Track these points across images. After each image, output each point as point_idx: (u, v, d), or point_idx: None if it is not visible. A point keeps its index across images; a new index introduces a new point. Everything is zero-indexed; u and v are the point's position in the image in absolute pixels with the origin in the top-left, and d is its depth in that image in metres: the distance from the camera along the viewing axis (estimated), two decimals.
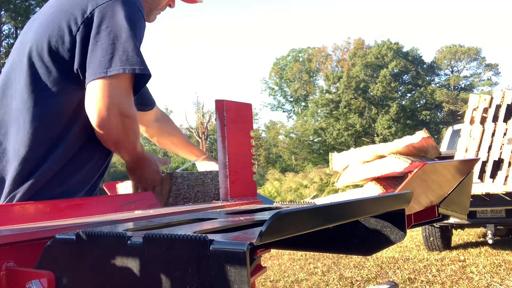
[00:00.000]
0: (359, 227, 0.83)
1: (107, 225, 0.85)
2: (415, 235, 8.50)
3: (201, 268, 0.54)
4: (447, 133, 8.04)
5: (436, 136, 32.10)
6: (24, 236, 0.77)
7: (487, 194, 5.60)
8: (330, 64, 45.72)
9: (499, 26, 66.90)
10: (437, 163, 1.29)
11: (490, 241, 6.11)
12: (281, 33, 76.02)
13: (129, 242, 0.60)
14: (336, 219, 0.66)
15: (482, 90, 40.36)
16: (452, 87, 42.30)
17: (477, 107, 5.96)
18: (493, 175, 5.55)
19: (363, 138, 37.01)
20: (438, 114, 40.62)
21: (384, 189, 1.71)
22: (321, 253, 6.11)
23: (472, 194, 3.37)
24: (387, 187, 1.73)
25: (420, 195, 1.26)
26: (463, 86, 42.70)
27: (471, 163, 1.55)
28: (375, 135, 37.62)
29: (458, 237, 8.24)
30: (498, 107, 5.83)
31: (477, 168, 5.49)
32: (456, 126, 7.87)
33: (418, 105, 39.69)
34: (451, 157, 5.82)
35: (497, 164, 5.61)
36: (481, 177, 5.58)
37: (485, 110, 5.91)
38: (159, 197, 1.43)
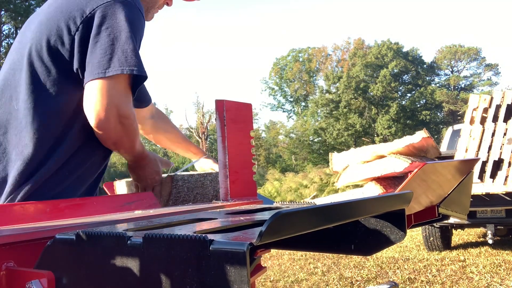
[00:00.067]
0: (359, 227, 0.83)
1: (107, 225, 0.85)
2: (415, 235, 8.50)
3: (201, 268, 0.54)
4: (447, 133, 8.04)
5: (436, 136, 32.11)
6: (24, 236, 0.77)
7: (487, 194, 5.60)
8: (330, 64, 45.77)
9: (499, 26, 66.98)
10: (437, 163, 1.29)
11: (490, 241, 6.11)
12: (281, 33, 76.07)
13: (129, 242, 0.60)
14: (336, 219, 0.66)
15: (482, 90, 40.39)
16: (452, 87, 42.31)
17: (477, 107, 5.97)
18: (493, 175, 5.55)
19: (363, 138, 37.00)
20: (438, 114, 40.61)
21: (384, 189, 1.71)
22: (321, 253, 6.11)
23: (472, 194, 3.37)
24: (387, 187, 1.73)
25: (420, 195, 1.26)
26: (463, 86, 42.70)
27: (471, 163, 1.55)
28: (375, 135, 37.61)
29: (458, 237, 8.24)
30: (498, 107, 5.83)
31: (477, 168, 5.49)
32: (456, 126, 7.87)
33: (418, 105, 39.68)
34: (451, 157, 5.82)
35: (497, 164, 5.61)
36: (481, 177, 5.58)
37: (485, 110, 5.92)
38: (159, 198, 1.43)
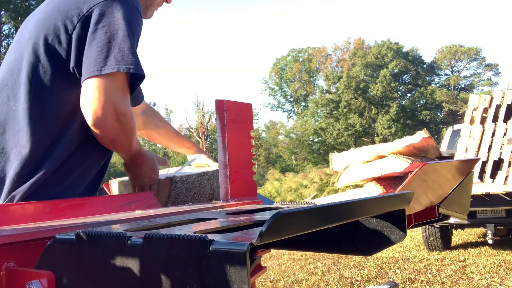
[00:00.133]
0: (359, 227, 0.83)
1: (107, 225, 0.85)
2: (415, 235, 8.50)
3: (201, 268, 0.54)
4: (447, 133, 8.04)
5: (436, 136, 32.09)
6: (24, 236, 0.77)
7: (487, 194, 5.60)
8: (330, 64, 45.76)
9: (499, 26, 66.97)
10: (437, 163, 1.29)
11: (490, 241, 6.11)
12: (281, 33, 76.07)
13: (129, 242, 0.60)
14: (336, 219, 0.66)
15: (482, 90, 40.38)
16: (452, 87, 42.30)
17: (477, 107, 5.97)
18: (493, 175, 5.55)
19: (363, 138, 37.00)
20: (438, 114, 40.60)
21: (384, 189, 1.71)
22: (321, 253, 6.11)
23: (472, 194, 3.37)
24: (387, 187, 1.73)
25: (420, 195, 1.25)
26: (463, 86, 42.69)
27: (471, 163, 1.55)
28: (375, 135, 37.60)
29: (458, 237, 8.24)
30: (498, 107, 5.84)
31: (477, 168, 5.49)
32: (456, 126, 7.88)
33: (418, 105, 39.67)
34: (451, 157, 5.82)
35: (497, 164, 5.61)
36: (481, 177, 5.58)
37: (485, 110, 5.92)
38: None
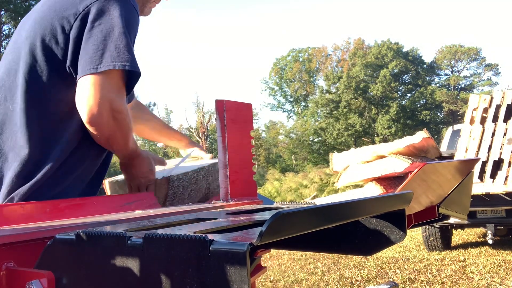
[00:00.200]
0: (359, 227, 0.83)
1: (107, 225, 0.85)
2: (415, 235, 8.50)
3: (201, 268, 0.54)
4: (447, 133, 8.04)
5: (436, 136, 32.09)
6: (24, 236, 0.77)
7: (487, 194, 5.60)
8: (330, 64, 45.76)
9: (499, 26, 66.97)
10: (437, 163, 1.29)
11: (490, 241, 6.11)
12: (281, 33, 76.05)
13: (129, 242, 0.60)
14: (336, 219, 0.66)
15: (482, 90, 40.38)
16: (452, 87, 42.29)
17: (477, 107, 5.97)
18: (493, 175, 5.55)
19: (363, 138, 36.99)
20: (438, 114, 40.59)
21: (385, 189, 1.71)
22: (321, 253, 6.11)
23: (472, 194, 3.37)
24: (387, 187, 1.73)
25: (420, 195, 1.25)
26: (463, 86, 42.69)
27: (471, 163, 1.55)
28: (375, 135, 37.60)
29: (458, 237, 8.24)
30: (498, 107, 5.84)
31: (477, 168, 5.49)
32: (456, 126, 7.88)
33: (418, 105, 39.66)
34: (451, 157, 5.82)
35: (497, 164, 5.61)
36: (481, 177, 5.58)
37: (485, 110, 5.92)
38: None
